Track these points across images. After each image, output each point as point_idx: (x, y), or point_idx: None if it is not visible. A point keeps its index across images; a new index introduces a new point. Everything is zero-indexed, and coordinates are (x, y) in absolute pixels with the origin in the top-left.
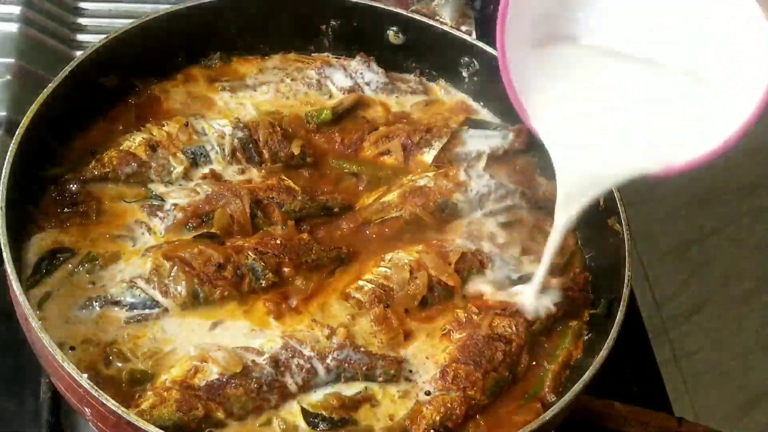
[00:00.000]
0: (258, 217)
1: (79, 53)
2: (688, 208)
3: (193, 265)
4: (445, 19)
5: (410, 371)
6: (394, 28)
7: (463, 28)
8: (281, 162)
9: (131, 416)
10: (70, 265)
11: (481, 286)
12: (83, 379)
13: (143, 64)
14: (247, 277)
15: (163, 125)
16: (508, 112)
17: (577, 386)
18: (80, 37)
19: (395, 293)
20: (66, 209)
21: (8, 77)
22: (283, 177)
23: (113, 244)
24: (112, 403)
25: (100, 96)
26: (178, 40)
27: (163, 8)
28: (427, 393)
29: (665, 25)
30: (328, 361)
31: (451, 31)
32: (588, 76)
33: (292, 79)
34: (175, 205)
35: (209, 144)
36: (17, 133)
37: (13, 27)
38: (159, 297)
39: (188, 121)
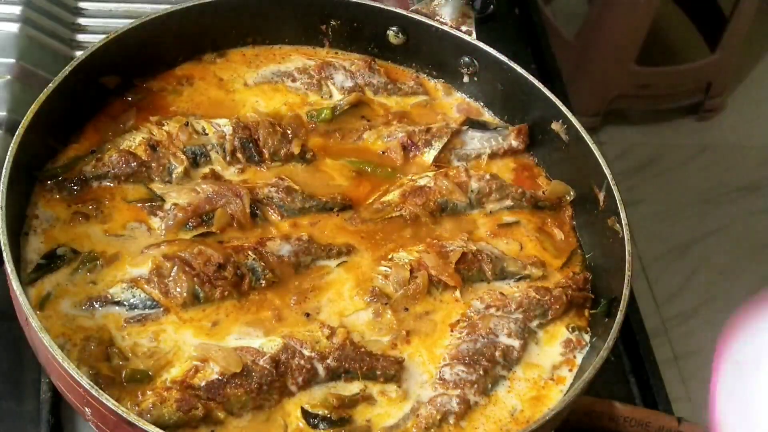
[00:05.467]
0: (258, 216)
1: (79, 53)
2: (688, 208)
3: (193, 265)
4: (445, 19)
5: (410, 371)
6: (394, 28)
7: (463, 28)
8: (281, 161)
9: (131, 416)
10: (70, 265)
11: (480, 286)
12: (83, 379)
13: (143, 63)
14: (247, 277)
15: (163, 125)
16: (508, 111)
17: (577, 386)
18: (80, 37)
19: (395, 292)
20: (66, 209)
21: (8, 77)
22: (283, 176)
23: (113, 243)
24: (112, 403)
25: (100, 96)
26: (178, 39)
27: (163, 8)
28: (427, 393)
29: None
30: (328, 361)
31: (451, 31)
32: None
33: (293, 80)
34: (176, 204)
35: (209, 143)
36: (17, 133)
37: (13, 27)
38: (159, 297)
39: (188, 121)
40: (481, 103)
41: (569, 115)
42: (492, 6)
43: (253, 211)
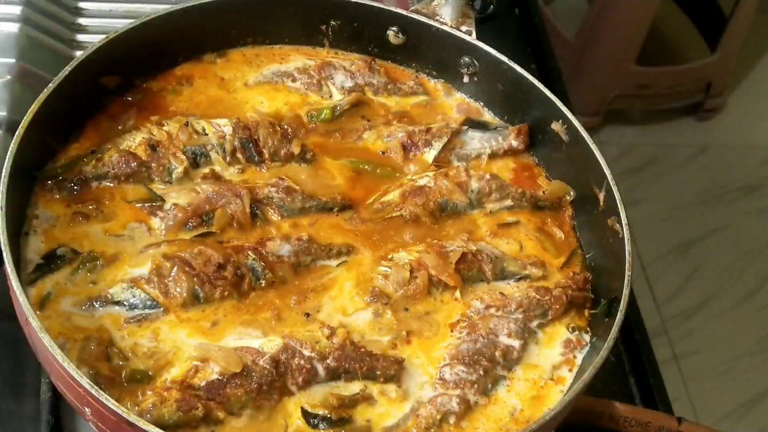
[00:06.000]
0: (258, 216)
1: (79, 53)
2: (688, 208)
3: (193, 265)
4: (445, 19)
5: (410, 371)
6: (394, 28)
7: (463, 28)
8: (281, 161)
9: (131, 416)
10: (70, 265)
11: (480, 286)
12: (83, 379)
13: (143, 63)
14: (247, 276)
15: (163, 125)
16: (508, 111)
17: (577, 386)
18: (80, 37)
19: (395, 293)
20: (66, 209)
21: (8, 77)
22: (283, 176)
23: (113, 243)
24: (112, 403)
25: (100, 96)
26: (178, 39)
27: (163, 8)
28: (427, 393)
29: None
30: (328, 361)
31: (451, 31)
32: None
33: (293, 80)
34: (176, 204)
35: (209, 144)
36: (17, 133)
37: (13, 27)
38: (159, 297)
39: (188, 121)
40: (481, 103)
41: (569, 115)
42: (492, 6)
43: (253, 211)
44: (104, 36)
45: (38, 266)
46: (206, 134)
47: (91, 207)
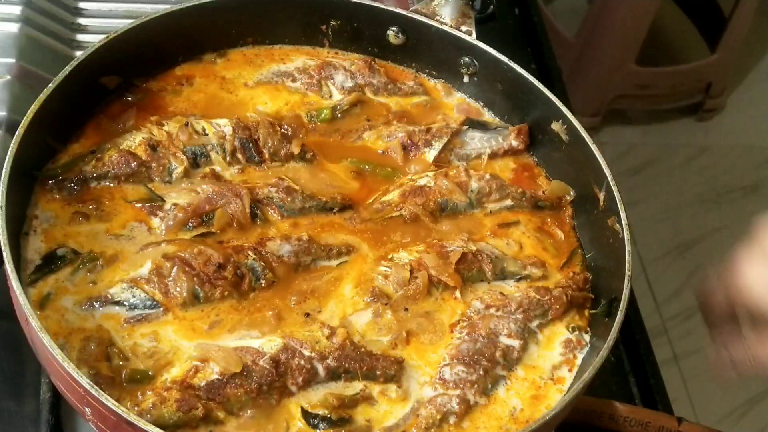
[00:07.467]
0: (258, 216)
1: (79, 53)
2: (688, 208)
3: (193, 265)
4: (445, 19)
5: (410, 371)
6: (394, 28)
7: (463, 28)
8: (281, 161)
9: (131, 416)
10: (70, 265)
11: (480, 286)
12: (83, 379)
13: (143, 63)
14: (247, 276)
15: (163, 125)
16: (508, 111)
17: (577, 386)
18: (80, 37)
19: (395, 293)
20: (66, 209)
21: (8, 77)
22: (283, 177)
23: (113, 243)
24: (112, 403)
25: (100, 96)
26: (178, 39)
27: (163, 8)
28: (427, 393)
29: None
30: (328, 361)
31: (451, 31)
32: None
33: (293, 80)
34: (176, 204)
35: (209, 144)
36: (17, 133)
37: (13, 27)
38: (159, 297)
39: (188, 121)
40: (481, 103)
41: (569, 115)
42: (492, 6)
43: (253, 211)
44: (104, 36)
45: (38, 266)
46: (206, 134)
47: (91, 207)
